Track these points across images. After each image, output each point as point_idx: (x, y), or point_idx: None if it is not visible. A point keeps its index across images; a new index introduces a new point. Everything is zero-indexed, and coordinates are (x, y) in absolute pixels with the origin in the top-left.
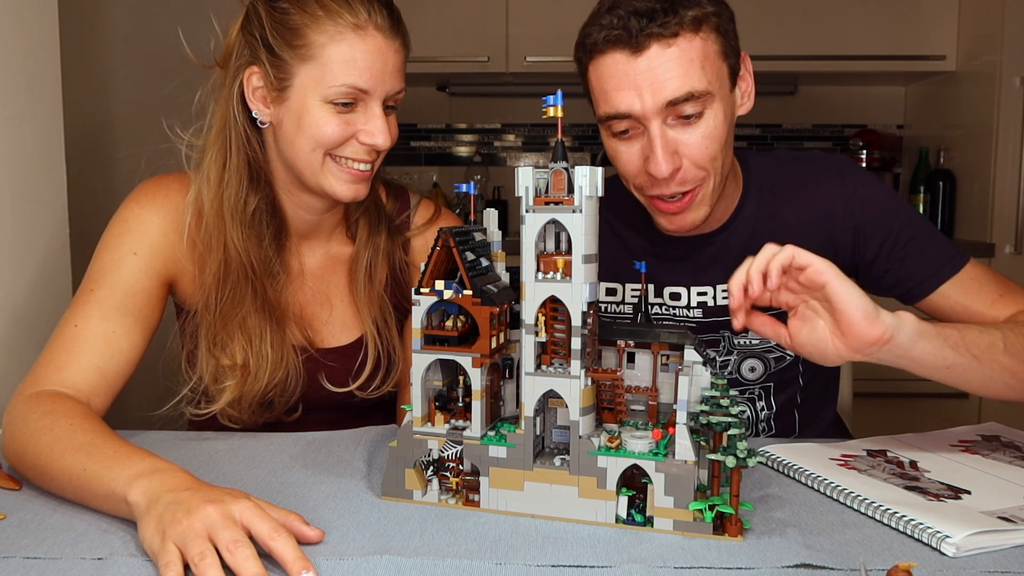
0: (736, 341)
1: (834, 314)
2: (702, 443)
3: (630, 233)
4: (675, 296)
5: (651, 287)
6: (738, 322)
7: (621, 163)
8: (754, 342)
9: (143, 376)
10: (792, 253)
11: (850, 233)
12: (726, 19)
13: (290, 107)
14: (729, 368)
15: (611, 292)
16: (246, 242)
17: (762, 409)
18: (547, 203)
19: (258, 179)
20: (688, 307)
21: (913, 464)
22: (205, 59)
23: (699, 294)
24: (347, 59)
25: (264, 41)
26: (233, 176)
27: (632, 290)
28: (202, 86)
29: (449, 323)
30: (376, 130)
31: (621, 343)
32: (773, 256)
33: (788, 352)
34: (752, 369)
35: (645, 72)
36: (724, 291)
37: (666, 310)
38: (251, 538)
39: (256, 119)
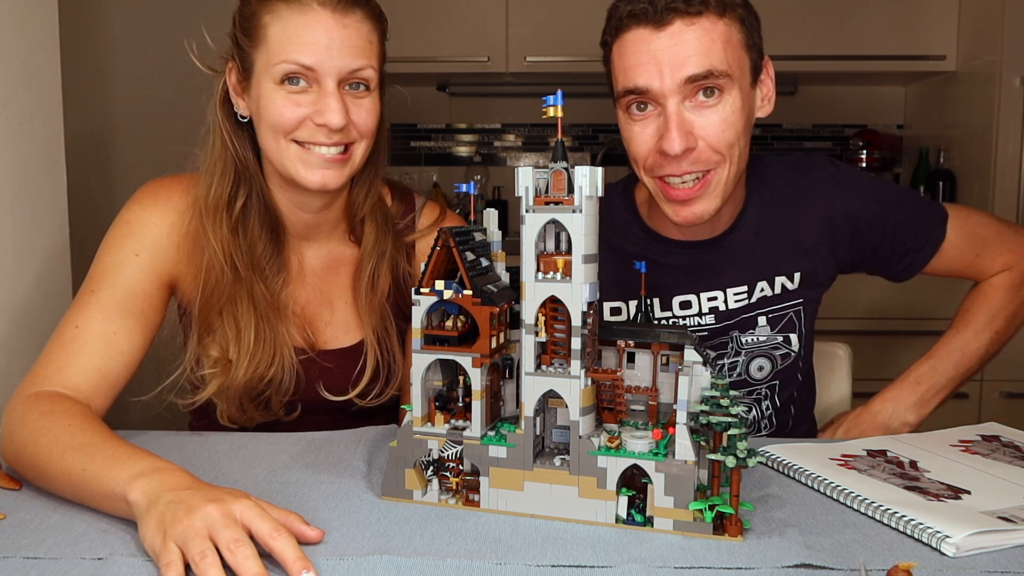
0: (744, 340)
1: None
2: (702, 443)
3: (632, 247)
4: (685, 304)
5: (658, 300)
6: None
7: (634, 144)
8: (761, 339)
9: (139, 376)
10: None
11: (849, 230)
12: (752, 17)
13: (252, 95)
14: (738, 369)
15: (615, 312)
16: (231, 237)
17: (767, 408)
18: (547, 203)
19: (245, 176)
20: (700, 314)
21: (913, 464)
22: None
23: (710, 299)
24: (288, 35)
25: (234, 37)
26: (218, 174)
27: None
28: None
29: (449, 323)
30: (327, 108)
31: (621, 343)
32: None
33: (793, 348)
34: (760, 368)
35: (666, 48)
36: (736, 294)
37: (674, 322)
38: (251, 538)
39: (242, 118)
